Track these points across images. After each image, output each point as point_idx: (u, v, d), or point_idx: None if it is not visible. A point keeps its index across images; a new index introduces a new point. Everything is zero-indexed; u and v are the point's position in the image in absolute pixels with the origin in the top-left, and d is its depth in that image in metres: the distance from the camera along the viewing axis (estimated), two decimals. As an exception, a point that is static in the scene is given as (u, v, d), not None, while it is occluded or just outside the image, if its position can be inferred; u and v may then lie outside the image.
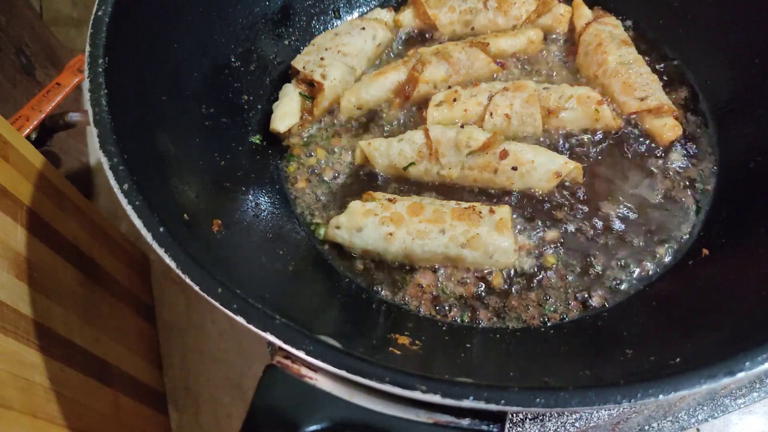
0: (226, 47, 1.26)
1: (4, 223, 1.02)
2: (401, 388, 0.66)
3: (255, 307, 0.72)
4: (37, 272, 1.07)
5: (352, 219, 1.11)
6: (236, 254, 1.00)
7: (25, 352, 0.98)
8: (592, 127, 1.23)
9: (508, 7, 1.39)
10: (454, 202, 1.14)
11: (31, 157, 1.15)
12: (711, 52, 1.27)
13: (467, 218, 1.08)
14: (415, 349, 0.94)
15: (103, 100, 0.86)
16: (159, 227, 0.77)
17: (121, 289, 1.41)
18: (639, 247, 1.11)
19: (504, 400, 0.64)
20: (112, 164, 0.81)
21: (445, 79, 1.31)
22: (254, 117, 1.30)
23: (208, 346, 1.51)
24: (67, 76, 1.47)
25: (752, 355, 0.65)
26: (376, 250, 1.11)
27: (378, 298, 1.10)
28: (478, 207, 1.11)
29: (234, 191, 1.13)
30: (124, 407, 1.25)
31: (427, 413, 0.70)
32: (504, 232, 1.07)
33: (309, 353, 0.69)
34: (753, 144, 1.14)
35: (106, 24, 0.92)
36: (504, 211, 1.10)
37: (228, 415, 1.44)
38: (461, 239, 1.07)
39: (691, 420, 1.13)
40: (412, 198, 1.16)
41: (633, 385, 0.64)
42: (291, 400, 0.72)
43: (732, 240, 1.05)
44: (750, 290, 0.90)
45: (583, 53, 1.33)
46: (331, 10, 1.47)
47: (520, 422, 1.06)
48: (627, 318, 1.02)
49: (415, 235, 1.08)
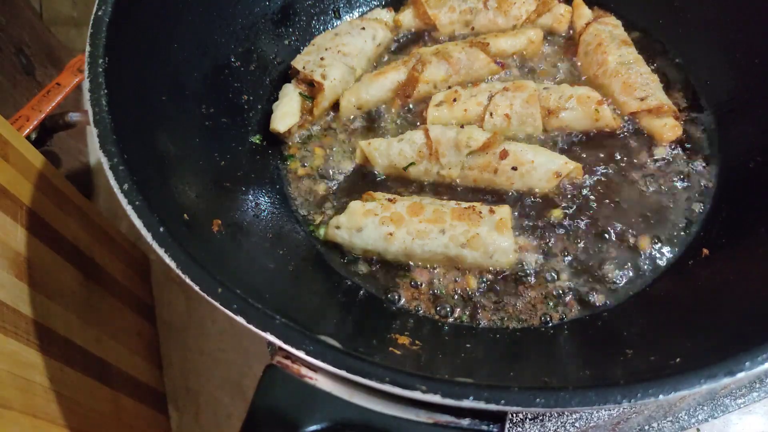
0: (226, 47, 1.26)
1: (4, 223, 1.02)
2: (401, 388, 0.66)
3: (255, 307, 0.72)
4: (37, 272, 1.07)
5: (352, 219, 1.11)
6: (236, 254, 1.00)
7: (25, 352, 0.98)
8: (592, 127, 1.23)
9: (508, 7, 1.39)
10: (454, 202, 1.14)
11: (31, 157, 1.15)
12: (711, 52, 1.27)
13: (467, 218, 1.08)
14: (415, 349, 0.94)
15: (103, 100, 0.86)
16: (159, 227, 0.77)
17: (121, 289, 1.41)
18: (639, 246, 1.11)
19: (504, 400, 0.64)
20: (112, 164, 0.81)
21: (445, 79, 1.31)
22: (254, 117, 1.30)
23: (208, 346, 1.51)
24: (67, 76, 1.47)
25: (752, 355, 0.65)
26: (376, 250, 1.11)
27: (378, 298, 1.10)
28: (478, 207, 1.11)
29: (234, 191, 1.13)
30: (124, 407, 1.25)
31: (427, 413, 0.70)
32: (504, 232, 1.07)
33: (309, 353, 0.69)
34: (753, 144, 1.14)
35: (106, 24, 0.92)
36: (504, 211, 1.10)
37: (228, 415, 1.44)
38: (461, 239, 1.07)
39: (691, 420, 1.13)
40: (412, 198, 1.16)
41: (633, 385, 0.64)
42: (291, 400, 0.72)
43: (732, 240, 1.05)
44: (750, 290, 0.90)
45: (583, 53, 1.33)
46: (331, 10, 1.47)
47: (520, 422, 1.06)
48: (627, 318, 1.02)
49: (415, 235, 1.08)
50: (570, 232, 1.13)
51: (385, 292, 1.11)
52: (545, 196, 1.17)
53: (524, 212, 1.16)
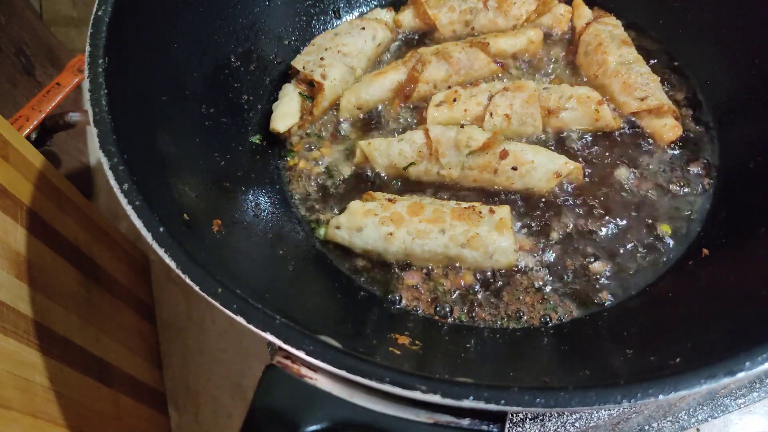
0: (226, 47, 1.26)
1: (4, 223, 1.02)
2: (401, 388, 0.66)
3: (255, 307, 0.72)
4: (37, 272, 1.07)
5: (352, 219, 1.11)
6: (236, 254, 1.00)
7: (24, 351, 0.98)
8: (593, 127, 1.23)
9: (508, 7, 1.39)
10: (454, 202, 1.14)
11: (31, 157, 1.15)
12: (711, 52, 1.27)
13: (467, 218, 1.08)
14: (415, 349, 0.94)
15: (103, 99, 0.86)
16: (159, 227, 0.77)
17: (121, 289, 1.41)
18: (638, 246, 1.11)
19: (504, 400, 0.64)
20: (112, 164, 0.81)
21: (445, 79, 1.31)
22: (254, 117, 1.30)
23: (208, 346, 1.51)
24: (67, 76, 1.47)
25: (752, 355, 0.65)
26: (376, 250, 1.11)
27: (378, 298, 1.10)
28: (478, 207, 1.11)
29: (234, 191, 1.13)
30: (124, 407, 1.25)
31: (427, 413, 0.70)
32: (504, 232, 1.07)
33: (309, 353, 0.69)
34: (753, 144, 1.14)
35: (106, 24, 0.92)
36: (504, 211, 1.10)
37: (228, 415, 1.44)
38: (461, 239, 1.07)
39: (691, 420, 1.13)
40: (413, 198, 1.16)
41: (633, 385, 0.64)
42: (291, 400, 0.72)
43: (732, 240, 1.05)
44: (750, 290, 0.90)
45: (583, 53, 1.33)
46: (331, 10, 1.47)
47: (520, 422, 1.06)
48: (627, 318, 1.02)
49: (415, 235, 1.08)
50: (570, 231, 1.13)
51: (384, 293, 1.11)
52: (545, 196, 1.17)
53: (524, 212, 1.16)
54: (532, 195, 1.17)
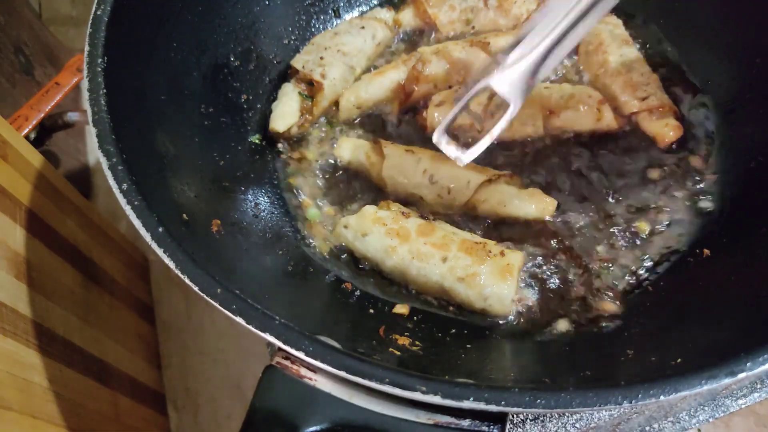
0: (226, 47, 1.25)
1: (3, 223, 1.01)
2: (401, 389, 0.66)
3: (254, 307, 0.72)
4: (37, 272, 1.07)
5: (361, 222, 1.09)
6: (235, 254, 0.99)
7: (24, 352, 0.98)
8: (593, 127, 1.23)
9: (509, 6, 1.38)
10: (468, 232, 1.10)
11: (30, 157, 1.15)
12: (712, 51, 1.26)
13: (474, 253, 1.01)
14: (415, 350, 0.94)
15: (102, 99, 0.86)
16: (158, 227, 0.77)
17: (121, 289, 1.41)
18: (639, 246, 1.10)
19: (504, 401, 0.64)
20: (111, 164, 0.81)
21: (445, 79, 1.30)
22: (253, 117, 1.29)
23: (208, 346, 1.51)
24: (66, 76, 1.47)
25: (753, 356, 0.65)
26: (374, 260, 1.09)
27: (378, 298, 1.10)
28: (490, 245, 1.03)
29: (233, 191, 1.13)
30: (123, 407, 1.25)
31: (427, 414, 0.70)
32: (507, 279, 0.99)
33: (308, 354, 0.68)
34: (754, 144, 1.14)
35: (105, 23, 0.92)
36: (516, 257, 1.02)
37: (227, 416, 1.44)
38: (460, 273, 1.00)
39: (692, 420, 1.13)
40: (428, 220, 1.10)
41: (634, 385, 0.64)
42: (290, 401, 0.72)
43: (732, 240, 1.04)
44: (750, 290, 0.90)
45: (584, 53, 1.32)
46: (331, 9, 1.47)
47: (521, 423, 1.06)
48: (627, 318, 1.02)
49: (416, 256, 1.04)
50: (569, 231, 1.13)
51: (384, 293, 1.10)
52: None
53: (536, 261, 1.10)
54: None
